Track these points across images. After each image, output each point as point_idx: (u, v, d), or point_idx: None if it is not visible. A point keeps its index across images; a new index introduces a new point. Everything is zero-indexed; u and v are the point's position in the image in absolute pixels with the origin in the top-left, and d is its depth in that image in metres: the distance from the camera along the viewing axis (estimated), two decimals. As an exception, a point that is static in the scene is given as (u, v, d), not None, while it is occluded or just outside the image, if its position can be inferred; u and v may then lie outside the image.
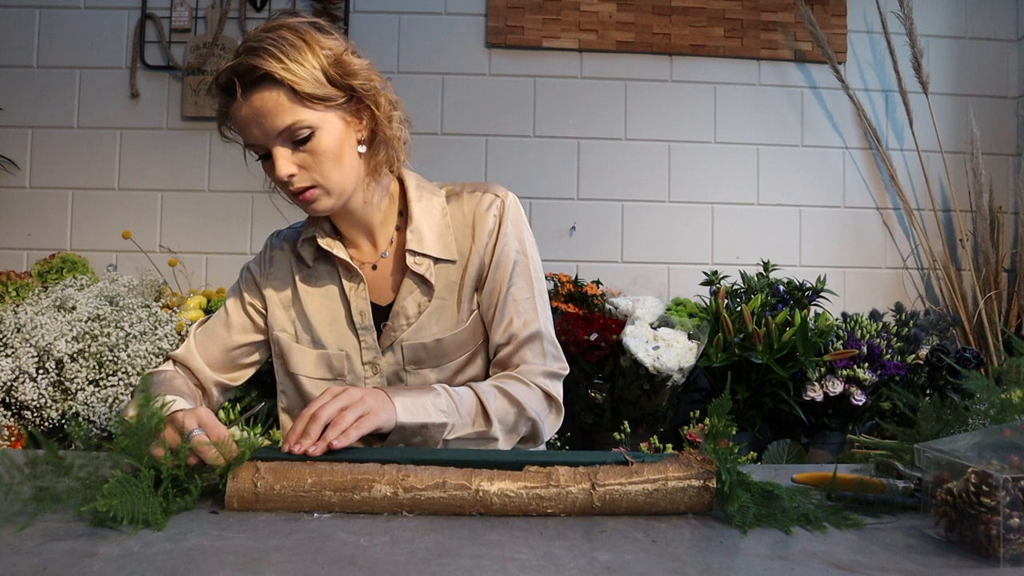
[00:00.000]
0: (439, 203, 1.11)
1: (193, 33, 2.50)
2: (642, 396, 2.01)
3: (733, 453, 0.78)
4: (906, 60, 2.51)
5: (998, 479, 0.64)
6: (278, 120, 0.95)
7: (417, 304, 1.08)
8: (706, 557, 0.66)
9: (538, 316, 1.10)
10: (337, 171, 1.00)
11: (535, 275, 1.12)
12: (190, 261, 2.47)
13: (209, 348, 1.15)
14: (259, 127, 0.95)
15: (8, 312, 1.99)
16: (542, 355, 1.09)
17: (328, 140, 0.98)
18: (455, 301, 1.09)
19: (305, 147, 0.97)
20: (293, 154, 0.97)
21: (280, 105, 0.94)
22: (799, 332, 1.99)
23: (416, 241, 1.07)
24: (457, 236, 1.10)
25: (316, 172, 0.98)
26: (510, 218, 1.10)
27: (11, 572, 0.58)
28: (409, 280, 1.08)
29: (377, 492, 0.74)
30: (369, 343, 1.08)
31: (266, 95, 0.94)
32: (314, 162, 0.98)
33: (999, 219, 2.54)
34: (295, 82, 0.93)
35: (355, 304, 1.09)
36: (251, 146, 1.00)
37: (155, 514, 0.69)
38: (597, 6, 2.56)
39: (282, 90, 0.94)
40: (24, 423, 1.90)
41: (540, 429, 1.07)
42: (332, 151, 0.98)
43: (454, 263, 1.09)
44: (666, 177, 2.59)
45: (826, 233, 2.61)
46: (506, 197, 1.11)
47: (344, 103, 0.99)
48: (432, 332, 1.08)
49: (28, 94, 2.48)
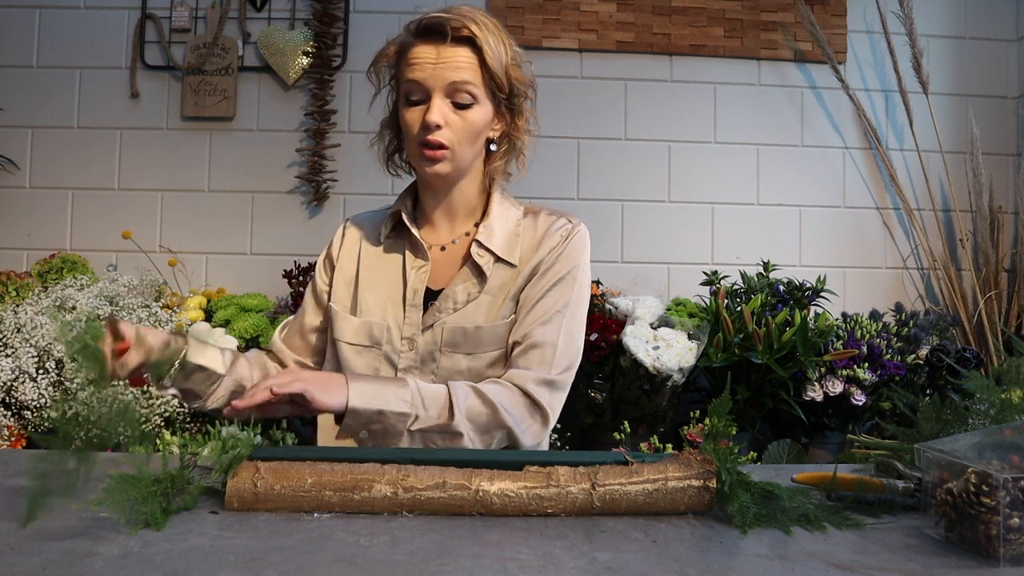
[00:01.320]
0: (516, 215, 1.19)
1: (193, 33, 2.50)
2: (642, 396, 2.01)
3: (733, 453, 0.78)
4: (906, 60, 2.50)
5: (998, 479, 0.64)
6: (459, 73, 1.06)
7: (467, 293, 1.13)
8: (706, 557, 0.66)
9: (559, 330, 1.10)
10: (469, 147, 1.11)
11: (575, 299, 1.14)
12: (190, 261, 2.47)
13: (290, 334, 1.25)
14: (438, 72, 1.05)
15: (8, 312, 1.99)
16: (546, 363, 1.08)
17: (479, 117, 1.09)
18: (502, 299, 1.13)
19: (460, 111, 1.08)
20: (449, 112, 1.07)
21: (468, 64, 1.06)
22: (799, 332, 1.99)
23: (486, 236, 1.14)
24: (523, 247, 1.15)
25: (456, 136, 1.08)
26: (573, 244, 1.15)
27: (11, 572, 0.58)
28: (467, 269, 1.14)
29: (377, 492, 0.74)
30: (413, 320, 1.13)
31: (461, 52, 1.06)
32: (460, 127, 1.08)
33: (999, 219, 2.53)
34: (488, 56, 1.06)
35: (412, 282, 1.14)
36: (413, 83, 1.07)
37: (155, 514, 0.69)
38: (597, 6, 2.56)
39: (476, 56, 1.07)
40: (24, 423, 1.90)
41: (517, 436, 1.06)
42: (476, 128, 1.09)
43: (514, 267, 1.14)
44: (666, 177, 2.59)
45: (826, 233, 2.61)
46: (579, 225, 1.18)
47: (503, 99, 1.12)
48: (474, 321, 1.11)
49: (28, 94, 2.48)
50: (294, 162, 2.51)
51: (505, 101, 1.12)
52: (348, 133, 2.52)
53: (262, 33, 2.49)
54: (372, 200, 2.50)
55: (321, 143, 2.48)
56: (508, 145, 1.16)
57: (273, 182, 2.51)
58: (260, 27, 2.51)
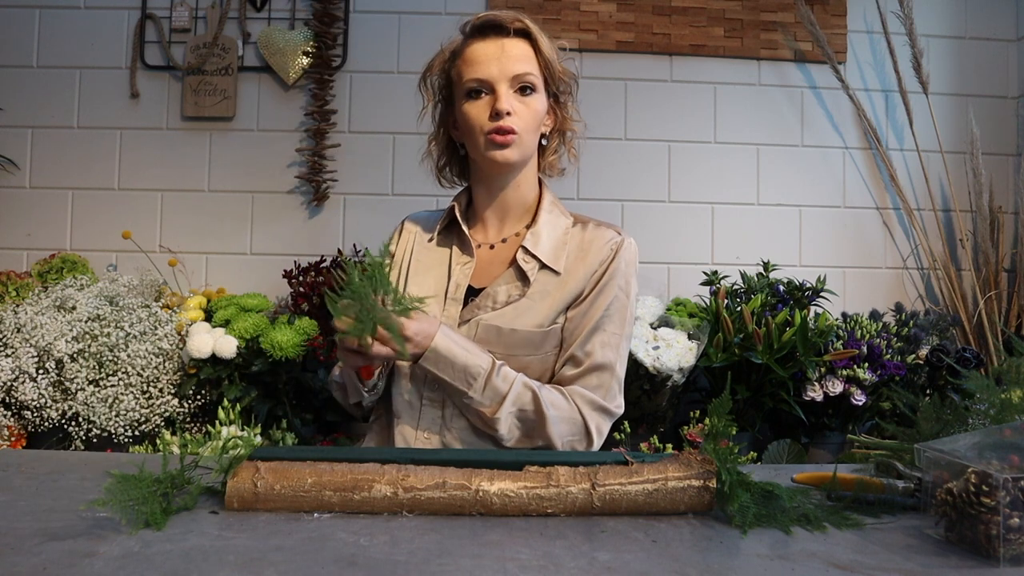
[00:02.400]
0: (565, 223, 1.20)
1: (193, 33, 2.50)
2: (642, 396, 2.01)
3: (733, 453, 0.78)
4: (906, 60, 2.50)
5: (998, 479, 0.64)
6: (520, 64, 1.12)
7: (508, 295, 1.14)
8: (706, 557, 0.66)
9: (618, 354, 1.14)
10: (532, 134, 1.15)
11: (628, 319, 1.17)
12: (190, 261, 2.48)
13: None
14: (500, 65, 1.11)
15: (8, 312, 1.99)
16: (603, 388, 1.12)
17: (539, 104, 1.15)
18: (543, 306, 1.13)
19: (524, 98, 1.13)
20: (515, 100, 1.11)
21: (527, 55, 1.13)
22: (799, 332, 1.99)
23: (533, 242, 1.16)
24: (570, 255, 1.17)
25: (522, 123, 1.12)
26: (624, 258, 1.16)
27: (11, 572, 0.58)
28: (512, 272, 1.15)
29: (377, 492, 0.74)
30: (452, 313, 1.15)
31: (519, 43, 1.13)
32: (525, 113, 1.12)
33: (999, 219, 2.53)
34: (544, 46, 1.13)
35: (456, 277, 1.17)
36: (477, 81, 1.12)
37: (155, 514, 0.69)
38: (597, 6, 2.56)
39: (532, 48, 1.13)
40: (24, 423, 1.90)
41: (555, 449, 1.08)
42: (537, 115, 1.14)
43: (558, 275, 1.15)
44: (666, 177, 2.59)
45: (826, 233, 2.61)
46: (628, 238, 1.19)
47: (553, 91, 1.18)
48: (511, 323, 1.12)
49: (28, 94, 2.48)
50: (294, 162, 2.51)
51: (555, 93, 1.18)
52: (348, 133, 2.52)
53: (262, 33, 2.49)
54: (372, 200, 2.51)
55: (321, 143, 2.48)
56: (559, 139, 1.22)
57: (273, 182, 2.51)
58: (260, 27, 2.51)
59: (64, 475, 0.88)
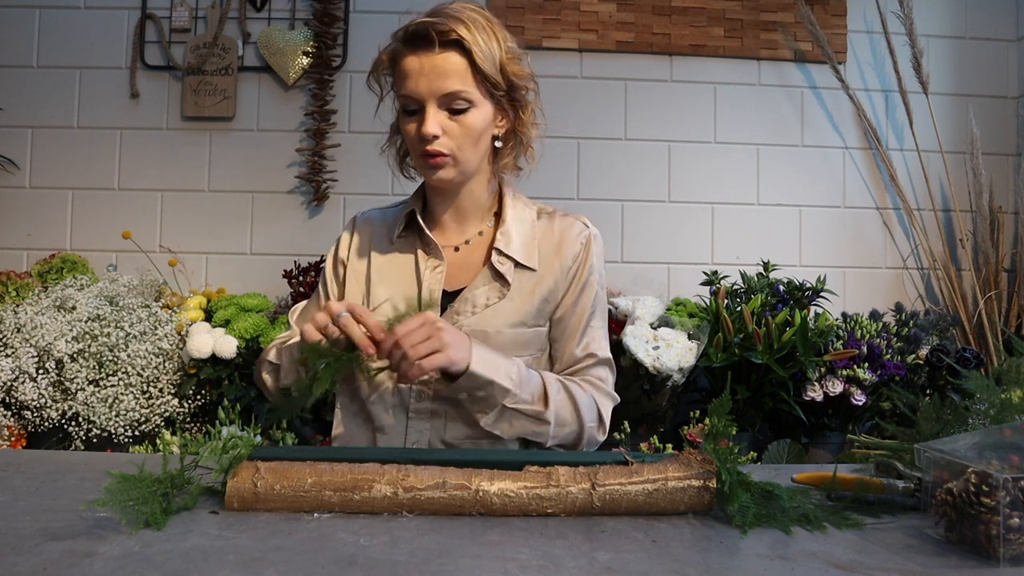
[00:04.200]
0: (530, 215, 1.19)
1: (193, 33, 2.50)
2: (642, 396, 2.01)
3: (733, 453, 0.78)
4: (906, 60, 2.50)
5: (998, 479, 0.64)
6: (450, 82, 1.03)
7: (487, 297, 1.13)
8: (706, 557, 0.66)
9: (608, 347, 1.19)
10: (472, 150, 1.08)
11: (606, 309, 1.22)
12: (190, 261, 2.47)
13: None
14: (429, 82, 1.03)
15: (8, 312, 1.99)
16: (606, 380, 1.17)
17: (478, 119, 1.07)
18: (524, 305, 1.13)
19: (457, 117, 1.05)
20: (445, 120, 1.05)
21: (458, 71, 1.03)
22: (799, 332, 1.99)
23: (504, 242, 1.14)
24: (541, 249, 1.16)
25: (456, 143, 1.06)
26: (595, 252, 1.18)
27: (11, 572, 0.58)
28: (487, 273, 1.13)
29: (377, 492, 0.74)
30: None
31: (451, 57, 1.03)
32: (459, 133, 1.06)
33: (999, 219, 2.53)
34: (480, 58, 1.03)
35: (427, 282, 1.14)
36: (407, 97, 1.06)
37: (155, 514, 0.69)
38: (597, 6, 2.56)
39: (466, 60, 1.03)
40: (24, 423, 1.90)
41: (583, 437, 1.12)
42: (476, 131, 1.07)
43: (534, 271, 1.14)
44: (666, 177, 2.59)
45: (826, 233, 2.61)
46: (594, 230, 1.19)
47: (502, 96, 1.09)
48: (495, 325, 1.12)
49: (28, 94, 2.48)
50: (294, 162, 2.51)
51: (505, 98, 1.09)
52: (348, 133, 2.52)
53: (262, 33, 2.49)
54: (372, 200, 2.50)
55: (321, 143, 2.48)
56: (514, 140, 1.14)
57: (273, 182, 2.51)
58: (260, 27, 2.51)
59: (64, 475, 0.88)
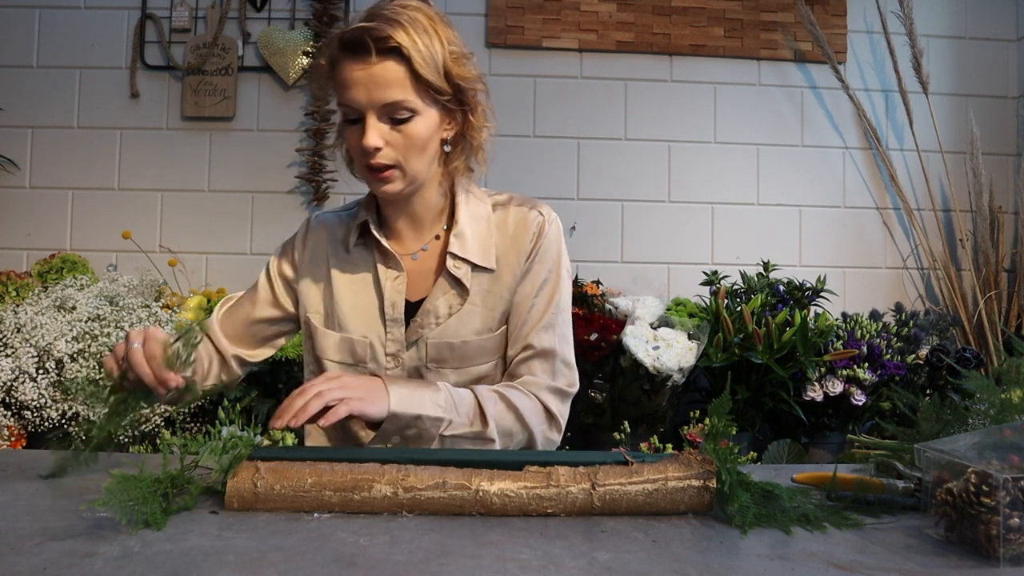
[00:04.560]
0: (485, 211, 1.14)
1: (193, 33, 2.50)
2: (642, 396, 2.01)
3: (733, 453, 0.78)
4: (906, 60, 2.50)
5: (998, 479, 0.64)
6: (390, 92, 0.97)
7: (448, 306, 1.09)
8: (706, 557, 0.66)
9: (555, 334, 1.11)
10: (419, 159, 1.03)
11: (562, 297, 1.14)
12: (190, 261, 2.47)
13: (232, 320, 1.17)
14: (368, 92, 0.97)
15: (8, 312, 1.99)
16: (551, 372, 1.10)
17: (423, 128, 1.01)
18: (486, 309, 1.10)
19: (400, 127, 1.00)
20: (387, 130, 1.00)
21: (398, 80, 0.97)
22: (799, 332, 1.99)
23: (459, 245, 1.09)
24: (498, 245, 1.12)
25: (401, 154, 1.01)
26: (549, 238, 1.13)
27: (11, 572, 0.58)
28: (445, 281, 1.09)
29: (377, 492, 0.74)
30: (396, 335, 1.09)
31: (390, 65, 0.97)
32: (403, 143, 1.00)
33: (999, 219, 2.53)
34: (420, 65, 0.97)
35: (389, 295, 1.10)
36: (347, 106, 1.00)
37: (155, 514, 0.69)
38: (597, 6, 2.56)
39: (405, 67, 0.97)
40: (24, 423, 1.90)
41: (536, 442, 1.08)
42: (422, 139, 1.01)
43: (492, 272, 1.10)
44: (666, 177, 2.59)
45: (826, 233, 2.61)
46: (549, 216, 1.14)
47: (448, 100, 1.03)
48: (460, 334, 1.09)
49: (28, 94, 2.48)
50: (294, 162, 2.51)
51: (451, 101, 1.03)
52: (348, 133, 2.52)
53: (262, 33, 2.49)
54: (372, 200, 2.51)
55: (321, 143, 2.48)
56: (463, 143, 1.09)
57: (273, 182, 2.51)
58: (260, 27, 2.51)
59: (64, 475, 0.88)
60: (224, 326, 1.17)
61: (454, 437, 1.00)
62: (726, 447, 0.78)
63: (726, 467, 0.76)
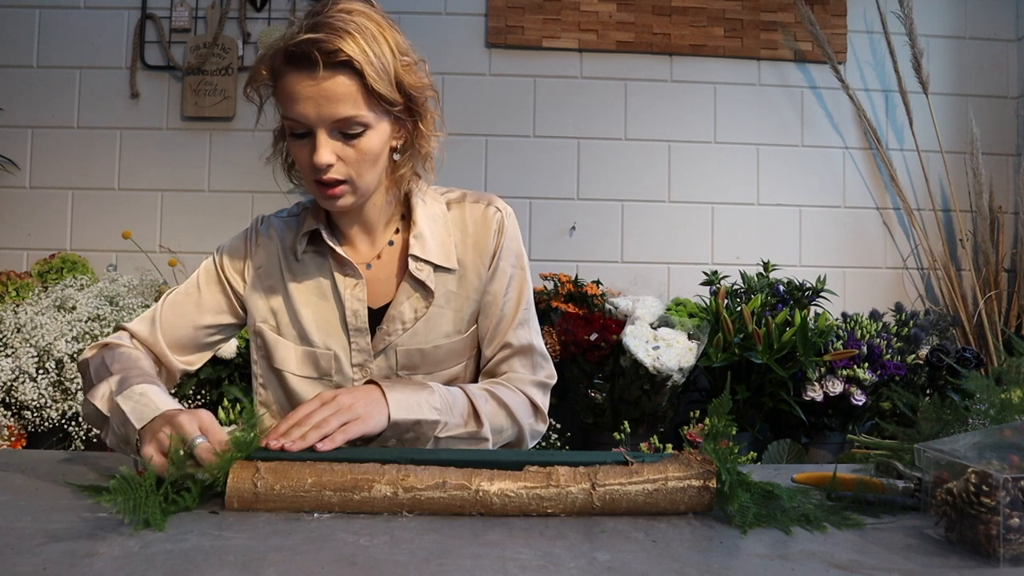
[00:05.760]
0: (440, 209, 1.11)
1: (193, 33, 2.50)
2: (642, 396, 2.01)
3: (733, 453, 0.77)
4: (906, 60, 2.51)
5: (998, 479, 0.64)
6: (341, 108, 0.92)
7: (414, 310, 1.07)
8: (706, 557, 0.66)
9: (530, 329, 1.12)
10: (371, 172, 0.99)
11: (527, 289, 1.14)
12: (190, 261, 2.47)
13: (176, 328, 1.09)
14: (318, 108, 0.92)
15: (8, 312, 1.99)
16: (531, 367, 1.12)
17: (375, 141, 0.97)
18: (452, 310, 1.09)
19: (352, 142, 0.96)
20: (339, 146, 0.96)
21: (350, 95, 0.92)
22: (799, 332, 1.99)
23: (419, 247, 1.07)
24: (457, 244, 1.10)
25: (353, 168, 0.97)
26: (509, 233, 1.11)
27: (11, 572, 0.58)
28: (408, 285, 1.07)
29: (377, 492, 0.74)
30: (361, 345, 1.07)
31: (340, 80, 0.92)
32: (355, 158, 0.97)
33: (999, 219, 2.53)
34: (372, 79, 0.92)
35: (350, 304, 1.06)
36: (294, 121, 0.96)
37: (155, 514, 0.69)
38: (597, 6, 2.56)
39: (357, 81, 0.92)
40: (24, 423, 1.90)
41: (525, 436, 1.09)
42: (374, 152, 0.98)
43: (453, 272, 1.09)
44: (666, 177, 2.59)
45: (826, 233, 2.61)
46: (506, 211, 1.13)
47: (399, 110, 0.99)
48: (429, 339, 1.08)
49: (28, 94, 2.48)
50: (294, 162, 2.51)
51: (402, 111, 0.99)
52: (348, 133, 2.52)
53: (262, 33, 2.49)
54: (372, 200, 2.51)
55: (321, 143, 2.48)
56: (412, 151, 1.05)
57: (273, 182, 2.50)
58: (260, 27, 2.51)
59: (64, 475, 0.88)
60: (166, 335, 1.08)
61: (450, 439, 1.00)
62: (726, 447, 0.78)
63: (726, 467, 0.76)
